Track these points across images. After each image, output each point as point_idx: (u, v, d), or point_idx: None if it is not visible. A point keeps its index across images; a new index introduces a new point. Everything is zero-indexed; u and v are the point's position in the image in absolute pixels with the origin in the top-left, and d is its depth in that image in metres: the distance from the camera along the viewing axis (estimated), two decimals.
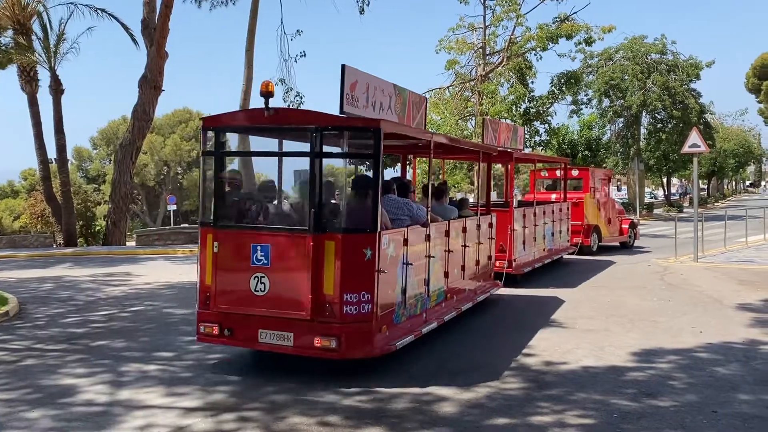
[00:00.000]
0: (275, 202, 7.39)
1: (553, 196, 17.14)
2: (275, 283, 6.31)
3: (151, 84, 23.72)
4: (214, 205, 6.85)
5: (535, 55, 27.69)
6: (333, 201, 7.12)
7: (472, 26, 28.20)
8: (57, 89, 24.54)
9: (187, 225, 36.76)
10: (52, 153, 25.52)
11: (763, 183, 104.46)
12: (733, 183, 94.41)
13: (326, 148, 6.52)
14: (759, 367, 6.68)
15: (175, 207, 40.99)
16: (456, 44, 27.84)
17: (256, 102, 26.75)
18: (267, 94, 6.42)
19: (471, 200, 11.87)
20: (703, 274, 13.49)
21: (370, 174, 7.00)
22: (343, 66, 6.74)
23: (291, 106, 22.38)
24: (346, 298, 6.16)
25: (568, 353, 7.21)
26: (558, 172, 17.26)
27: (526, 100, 27.61)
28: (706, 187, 64.63)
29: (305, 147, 6.58)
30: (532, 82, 28.51)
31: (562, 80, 29.09)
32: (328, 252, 6.19)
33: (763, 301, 10.37)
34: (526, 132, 26.61)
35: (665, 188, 53.81)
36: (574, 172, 18.84)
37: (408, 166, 13.17)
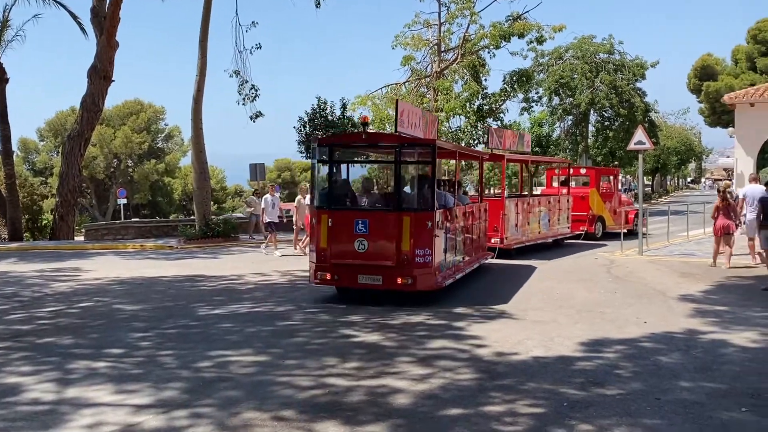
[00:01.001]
0: (364, 194, 10.86)
1: (564, 191, 19.54)
2: (371, 244, 9.41)
3: (100, 74, 23.05)
4: (329, 195, 9.93)
5: (488, 52, 28.11)
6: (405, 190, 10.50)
7: (428, 23, 28.42)
8: (1, 78, 23.65)
9: (137, 219, 35.82)
10: None
11: (703, 180, 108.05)
12: (676, 179, 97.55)
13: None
14: (699, 355, 6.96)
15: (125, 201, 39.91)
16: (412, 40, 28.01)
17: (210, 93, 26.19)
18: (364, 124, 10.14)
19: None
20: (647, 266, 13.94)
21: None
22: (396, 101, 11.18)
23: (246, 99, 22.19)
24: (417, 252, 9.29)
25: (519, 344, 7.38)
26: (568, 171, 20.56)
27: (480, 97, 27.99)
28: (650, 183, 66.66)
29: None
30: (486, 80, 28.93)
31: (514, 78, 29.58)
32: (405, 223, 9.34)
33: (702, 292, 10.80)
34: (479, 128, 26.98)
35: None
36: (582, 171, 22.53)
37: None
